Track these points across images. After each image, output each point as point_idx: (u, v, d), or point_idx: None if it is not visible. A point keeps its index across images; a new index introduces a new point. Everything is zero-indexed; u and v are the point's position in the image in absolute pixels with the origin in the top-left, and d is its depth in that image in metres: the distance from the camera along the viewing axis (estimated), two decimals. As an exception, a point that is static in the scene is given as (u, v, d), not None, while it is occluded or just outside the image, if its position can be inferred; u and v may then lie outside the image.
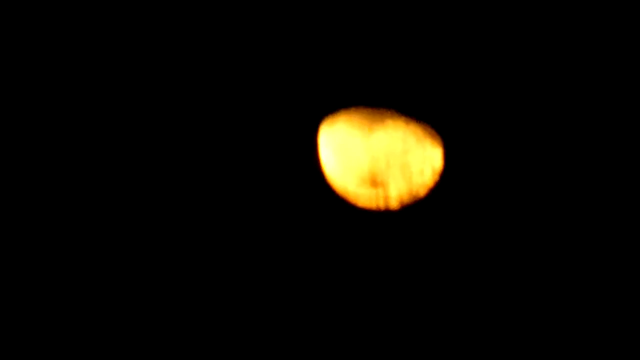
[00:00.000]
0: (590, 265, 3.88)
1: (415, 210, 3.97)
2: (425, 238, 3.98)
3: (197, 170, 4.10)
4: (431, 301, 3.96)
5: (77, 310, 4.06)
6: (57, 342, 4.02)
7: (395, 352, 3.95)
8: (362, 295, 3.99)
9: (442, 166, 3.93)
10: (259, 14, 4.05)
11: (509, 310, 3.91)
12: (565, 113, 3.91)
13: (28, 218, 4.10)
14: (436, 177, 3.94)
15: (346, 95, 4.03)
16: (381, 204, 3.97)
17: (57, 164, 4.12)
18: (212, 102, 4.11)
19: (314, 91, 4.07)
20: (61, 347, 4.02)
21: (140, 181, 4.10)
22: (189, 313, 4.04)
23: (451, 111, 3.94)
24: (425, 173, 3.92)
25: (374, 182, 3.94)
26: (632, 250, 3.85)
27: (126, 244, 4.09)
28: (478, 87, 3.95)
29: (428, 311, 3.95)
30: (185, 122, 4.11)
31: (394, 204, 3.96)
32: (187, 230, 4.09)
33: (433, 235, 3.98)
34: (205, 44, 4.09)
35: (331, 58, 4.05)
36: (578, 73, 3.89)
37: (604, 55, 3.88)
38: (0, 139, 4.12)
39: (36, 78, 4.13)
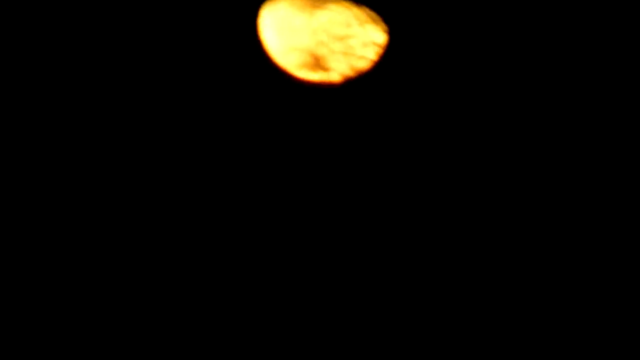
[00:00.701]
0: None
1: (359, 84, 4.11)
2: (370, 111, 4.13)
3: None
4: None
5: (70, 309, 4.08)
6: (56, 341, 4.04)
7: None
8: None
9: (386, 43, 4.08)
10: None
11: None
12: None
13: (27, 217, 4.12)
14: (379, 53, 4.09)
15: (289, -23, 4.12)
16: (324, 81, 4.11)
17: (54, 162, 4.15)
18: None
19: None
20: (60, 347, 4.04)
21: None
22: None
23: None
24: (367, 51, 4.08)
25: (317, 64, 4.08)
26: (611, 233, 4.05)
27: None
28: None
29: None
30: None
31: (336, 80, 4.11)
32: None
33: (377, 108, 4.13)
34: None
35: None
36: None
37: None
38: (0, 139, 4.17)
39: (35, 78, 4.15)
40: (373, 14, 4.07)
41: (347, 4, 4.06)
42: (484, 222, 4.06)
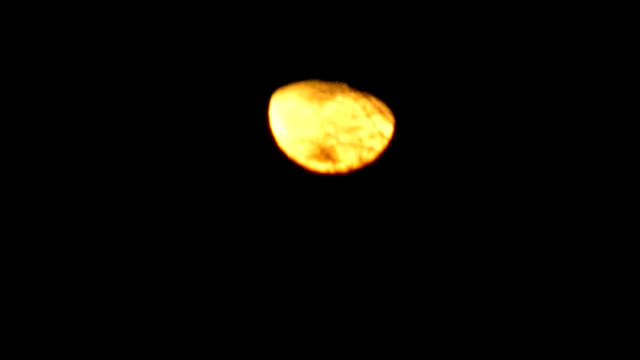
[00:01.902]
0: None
1: (365, 174, 4.17)
2: (375, 199, 4.18)
3: (157, 143, 4.23)
4: (384, 265, 4.18)
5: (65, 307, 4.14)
6: (53, 341, 4.09)
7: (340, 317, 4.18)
8: (318, 261, 4.19)
9: (392, 135, 4.15)
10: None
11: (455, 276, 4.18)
12: (502, 93, 4.16)
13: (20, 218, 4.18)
14: (385, 144, 4.15)
15: (298, 68, 4.19)
16: (331, 171, 4.17)
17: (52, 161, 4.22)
18: (170, 72, 4.23)
19: (266, 63, 4.22)
20: (58, 347, 4.10)
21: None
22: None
23: (402, 86, 4.14)
24: (374, 143, 4.14)
25: (325, 155, 4.14)
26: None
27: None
28: (429, 62, 4.16)
29: (381, 276, 4.18)
30: (141, 95, 4.23)
31: (343, 170, 4.17)
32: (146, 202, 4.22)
33: (382, 196, 4.18)
34: (162, 19, 4.21)
35: (283, 31, 4.21)
36: (520, 55, 4.15)
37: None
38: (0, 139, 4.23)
39: (35, 78, 4.22)
40: (380, 104, 4.14)
41: (354, 95, 4.14)
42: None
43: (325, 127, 4.14)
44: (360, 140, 4.13)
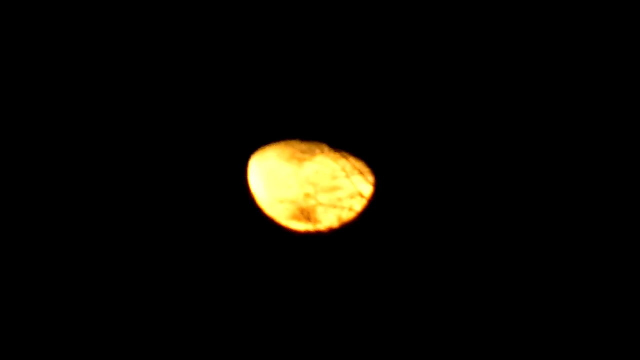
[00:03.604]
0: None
1: (345, 233, 4.19)
2: (355, 258, 4.20)
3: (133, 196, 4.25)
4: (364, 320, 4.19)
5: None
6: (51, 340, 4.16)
7: None
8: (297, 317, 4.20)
9: (372, 195, 4.18)
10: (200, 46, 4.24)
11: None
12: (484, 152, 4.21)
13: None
14: (365, 204, 4.18)
15: (277, 128, 4.22)
16: (311, 231, 4.19)
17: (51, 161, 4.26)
18: (149, 132, 4.26)
19: (246, 123, 4.24)
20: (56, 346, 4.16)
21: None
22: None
23: (382, 146, 4.18)
24: (354, 203, 4.17)
25: (305, 215, 4.16)
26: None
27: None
28: (408, 123, 4.20)
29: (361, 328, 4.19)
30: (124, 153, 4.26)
31: (323, 230, 4.19)
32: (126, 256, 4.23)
33: (362, 255, 4.20)
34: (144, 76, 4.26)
35: (263, 92, 4.24)
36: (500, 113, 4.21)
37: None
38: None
39: (34, 78, 4.25)
40: (360, 164, 4.17)
41: (334, 156, 4.17)
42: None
43: (305, 187, 4.17)
44: (340, 200, 4.16)
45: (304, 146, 4.19)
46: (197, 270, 4.19)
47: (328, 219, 4.18)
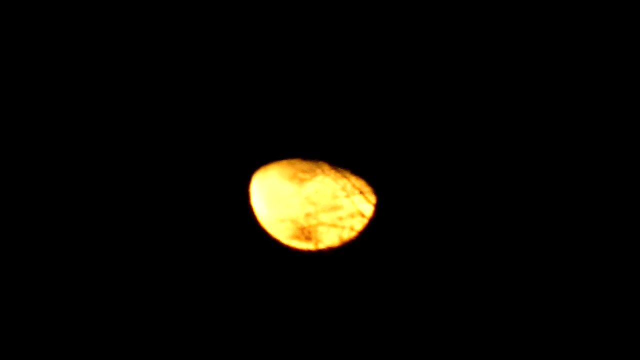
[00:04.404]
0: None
1: (345, 252, 4.17)
2: (355, 277, 4.17)
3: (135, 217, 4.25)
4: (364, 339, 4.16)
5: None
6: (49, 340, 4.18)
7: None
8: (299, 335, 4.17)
9: (372, 214, 4.15)
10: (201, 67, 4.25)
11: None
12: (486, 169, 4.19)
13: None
14: (365, 224, 4.16)
15: (279, 146, 4.21)
16: (312, 250, 4.17)
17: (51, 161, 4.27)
18: (152, 154, 4.27)
19: (247, 141, 4.24)
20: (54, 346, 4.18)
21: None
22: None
23: (383, 165, 4.16)
24: (354, 222, 4.15)
25: (305, 235, 4.15)
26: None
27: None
28: (410, 142, 4.18)
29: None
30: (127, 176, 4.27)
31: (323, 249, 4.17)
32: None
33: (362, 274, 4.17)
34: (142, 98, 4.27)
35: (265, 110, 4.24)
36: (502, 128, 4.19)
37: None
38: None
39: (34, 78, 4.28)
40: (361, 184, 4.15)
41: (334, 175, 4.15)
42: None
43: (306, 206, 4.15)
44: (340, 219, 4.14)
45: (304, 165, 4.18)
46: (198, 288, 4.19)
47: (329, 238, 4.16)
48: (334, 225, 4.15)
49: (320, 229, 4.16)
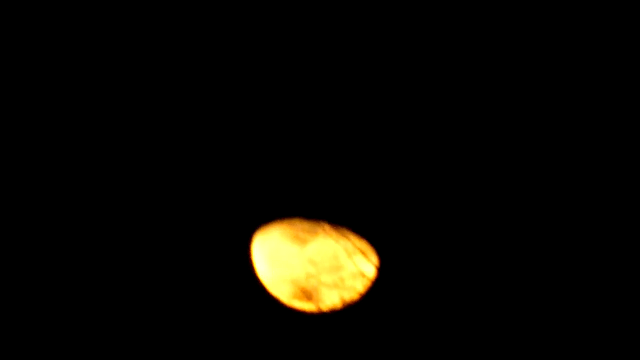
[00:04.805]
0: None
1: (347, 313, 4.16)
2: (357, 339, 4.16)
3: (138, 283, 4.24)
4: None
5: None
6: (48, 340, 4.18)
7: None
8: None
9: (375, 275, 4.13)
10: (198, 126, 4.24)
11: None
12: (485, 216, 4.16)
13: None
14: (368, 285, 4.13)
15: (280, 206, 4.20)
16: (313, 311, 4.15)
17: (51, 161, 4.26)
18: (151, 213, 4.26)
19: (248, 201, 4.23)
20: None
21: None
22: None
23: (385, 225, 4.14)
24: (356, 283, 4.12)
25: (306, 295, 4.12)
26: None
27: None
28: (411, 201, 4.16)
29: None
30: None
31: (325, 310, 4.15)
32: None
33: (364, 336, 4.16)
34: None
35: (265, 170, 4.23)
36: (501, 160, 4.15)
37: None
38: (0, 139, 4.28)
39: (35, 78, 4.26)
40: (362, 244, 4.13)
41: (335, 235, 4.12)
42: None
43: (307, 267, 4.12)
44: (342, 280, 4.11)
45: (305, 225, 4.16)
46: (200, 347, 4.18)
47: (330, 299, 4.13)
48: (336, 286, 4.12)
49: (322, 289, 4.13)
